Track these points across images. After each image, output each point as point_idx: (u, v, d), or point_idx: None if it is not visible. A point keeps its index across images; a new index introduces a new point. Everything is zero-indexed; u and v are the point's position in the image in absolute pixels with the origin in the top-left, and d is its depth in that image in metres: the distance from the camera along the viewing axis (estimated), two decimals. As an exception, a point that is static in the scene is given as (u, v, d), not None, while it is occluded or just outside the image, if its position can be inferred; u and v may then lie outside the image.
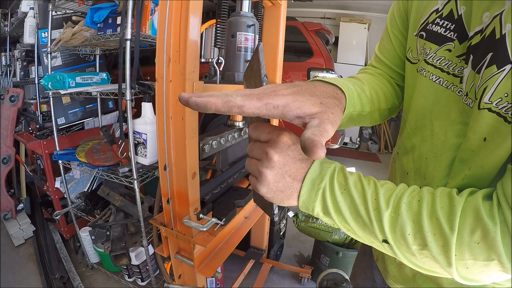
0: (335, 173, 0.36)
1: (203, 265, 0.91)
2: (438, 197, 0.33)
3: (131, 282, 1.64)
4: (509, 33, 0.31)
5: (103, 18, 1.30)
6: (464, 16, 0.38)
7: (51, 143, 1.66)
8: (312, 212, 0.37)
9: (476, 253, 0.30)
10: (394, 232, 0.33)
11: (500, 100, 0.32)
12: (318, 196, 0.36)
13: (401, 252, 0.34)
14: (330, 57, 2.68)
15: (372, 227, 0.34)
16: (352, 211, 0.35)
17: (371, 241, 0.36)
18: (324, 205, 0.36)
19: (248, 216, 1.16)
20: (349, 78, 0.53)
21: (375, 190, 0.35)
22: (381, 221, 0.34)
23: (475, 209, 0.31)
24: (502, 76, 0.31)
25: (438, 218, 0.31)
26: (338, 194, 0.35)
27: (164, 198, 0.86)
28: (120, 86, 1.19)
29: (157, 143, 0.82)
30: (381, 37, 0.59)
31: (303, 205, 0.37)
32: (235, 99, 0.29)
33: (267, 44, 1.28)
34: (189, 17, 0.69)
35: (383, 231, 0.34)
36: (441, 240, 0.31)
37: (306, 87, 0.34)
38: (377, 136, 5.20)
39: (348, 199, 0.35)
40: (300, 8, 5.10)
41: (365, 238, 0.36)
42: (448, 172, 0.41)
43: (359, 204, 0.35)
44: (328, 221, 0.38)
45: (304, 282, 1.71)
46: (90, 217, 1.60)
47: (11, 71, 2.62)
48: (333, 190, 0.36)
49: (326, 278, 1.14)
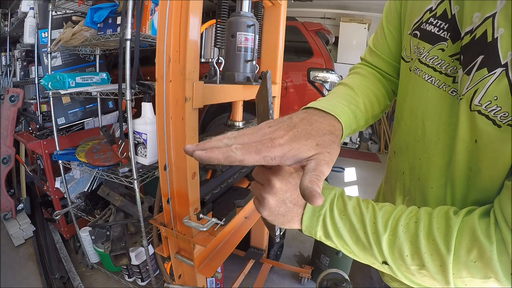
0: (335, 200, 0.39)
1: (203, 265, 0.91)
2: (434, 218, 0.34)
3: (131, 282, 1.64)
4: (502, 37, 0.31)
5: (103, 18, 1.30)
6: (457, 15, 0.38)
7: (51, 143, 1.66)
8: (315, 236, 0.39)
9: (473, 272, 0.31)
10: (393, 254, 0.35)
11: (489, 103, 0.32)
12: (320, 222, 0.38)
13: (401, 272, 0.36)
14: (330, 57, 2.68)
15: (371, 250, 0.36)
16: (352, 235, 0.37)
17: (372, 262, 0.38)
18: (325, 230, 0.38)
19: (248, 216, 1.16)
20: (342, 87, 0.53)
21: (373, 214, 0.37)
22: (379, 244, 0.35)
23: (471, 229, 0.31)
24: (492, 79, 0.31)
25: (435, 239, 0.32)
26: (338, 220, 0.37)
27: (164, 198, 0.86)
28: (120, 86, 1.19)
29: (157, 143, 0.82)
30: (375, 31, 0.60)
31: (306, 229, 0.39)
32: (235, 154, 0.31)
33: (267, 44, 1.28)
34: (189, 17, 0.69)
35: (382, 253, 0.35)
36: (438, 260, 0.32)
37: (302, 128, 0.35)
38: (377, 136, 5.20)
39: (347, 224, 0.37)
40: (300, 8, 5.10)
41: (365, 260, 0.38)
42: (445, 173, 0.41)
43: (358, 228, 0.36)
44: (331, 244, 0.40)
45: (304, 282, 1.71)
46: (90, 217, 1.60)
47: (11, 71, 2.62)
48: (333, 216, 0.38)
49: (326, 278, 1.14)
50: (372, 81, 0.57)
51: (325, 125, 0.38)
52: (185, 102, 0.72)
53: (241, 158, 0.31)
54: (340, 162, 4.16)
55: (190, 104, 0.74)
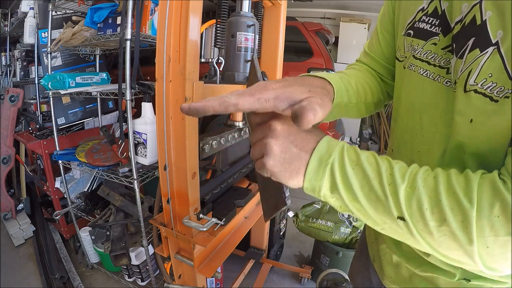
0: (345, 150, 0.35)
1: (203, 265, 0.91)
2: (453, 175, 0.32)
3: (131, 282, 1.64)
4: (490, 19, 0.32)
5: (103, 18, 1.30)
6: (447, 10, 0.40)
7: (51, 143, 1.66)
8: (318, 193, 0.35)
9: (497, 228, 0.29)
10: (410, 207, 0.32)
11: (485, 80, 0.33)
12: (326, 172, 0.34)
13: (417, 230, 0.32)
14: (330, 57, 2.68)
15: (387, 202, 0.32)
16: (364, 185, 0.33)
17: (383, 220, 0.34)
18: (332, 182, 0.34)
19: (248, 216, 1.16)
20: (336, 73, 0.55)
21: (390, 166, 0.34)
22: (397, 195, 0.32)
23: (491, 182, 0.30)
24: (486, 58, 0.32)
25: (456, 193, 0.30)
26: (349, 170, 0.34)
27: (164, 198, 0.86)
28: (120, 86, 1.19)
29: (157, 143, 0.82)
30: (370, 36, 0.63)
31: (309, 184, 0.35)
32: (230, 98, 0.32)
33: (267, 44, 1.28)
34: (189, 17, 0.69)
35: (399, 206, 0.32)
36: (460, 215, 0.30)
37: (295, 80, 0.37)
38: (377, 136, 5.20)
39: (360, 174, 0.34)
40: (300, 8, 5.09)
41: (376, 218, 0.34)
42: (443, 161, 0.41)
43: (373, 178, 0.33)
44: (336, 202, 0.36)
45: (304, 282, 1.71)
46: (90, 217, 1.60)
47: (11, 71, 2.62)
48: (343, 165, 0.34)
49: (326, 278, 1.14)
50: (366, 74, 0.60)
51: (317, 82, 0.40)
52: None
53: (236, 101, 0.31)
54: (340, 162, 4.16)
55: (190, 104, 0.73)
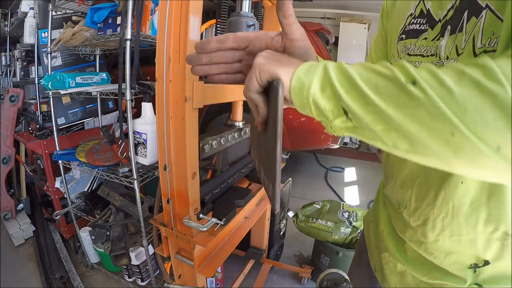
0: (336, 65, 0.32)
1: (203, 265, 0.91)
2: None
3: (131, 282, 1.64)
4: None
5: (103, 18, 1.30)
6: (431, 9, 0.44)
7: (51, 143, 1.66)
8: (307, 91, 0.31)
9: None
10: (419, 73, 0.26)
11: (490, 40, 0.35)
12: (319, 68, 0.31)
13: (433, 90, 0.25)
14: (330, 57, 2.68)
15: (393, 73, 0.27)
16: (362, 72, 0.29)
17: (391, 99, 0.27)
18: (324, 75, 0.30)
19: (248, 216, 1.16)
20: None
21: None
22: (404, 66, 0.27)
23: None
24: (483, 20, 0.35)
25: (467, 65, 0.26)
26: (344, 65, 0.31)
27: (164, 198, 0.86)
28: (120, 86, 1.19)
29: (157, 143, 0.82)
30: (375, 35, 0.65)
31: (296, 82, 0.32)
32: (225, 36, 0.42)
33: (267, 44, 1.28)
34: (189, 17, 0.69)
35: (407, 72, 0.27)
36: (481, 68, 0.24)
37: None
38: (377, 136, 5.20)
39: (358, 67, 0.30)
40: (300, 8, 5.09)
41: (380, 101, 0.27)
42: None
43: (373, 65, 0.29)
44: (327, 103, 0.30)
45: (304, 282, 1.71)
46: (90, 217, 1.60)
47: (11, 71, 2.62)
48: (339, 65, 0.31)
49: (326, 278, 1.15)
50: None
51: None
52: (185, 102, 0.72)
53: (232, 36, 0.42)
54: (340, 162, 4.16)
55: (190, 104, 0.73)
